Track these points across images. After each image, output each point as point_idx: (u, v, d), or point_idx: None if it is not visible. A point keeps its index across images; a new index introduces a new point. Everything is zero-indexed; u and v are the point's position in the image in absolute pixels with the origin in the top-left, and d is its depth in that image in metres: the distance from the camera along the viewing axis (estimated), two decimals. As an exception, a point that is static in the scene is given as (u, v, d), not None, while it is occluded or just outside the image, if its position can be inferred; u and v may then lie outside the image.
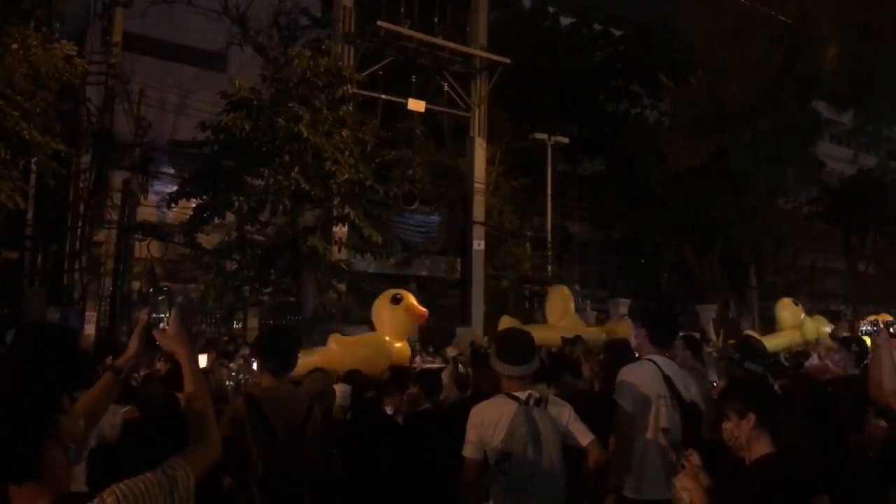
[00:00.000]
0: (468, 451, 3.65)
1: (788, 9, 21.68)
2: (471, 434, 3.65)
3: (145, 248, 18.80)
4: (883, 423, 4.52)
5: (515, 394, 3.67)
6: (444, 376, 6.01)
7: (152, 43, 21.63)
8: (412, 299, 8.96)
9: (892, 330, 4.46)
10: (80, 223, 18.42)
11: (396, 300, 8.56)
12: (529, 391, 3.70)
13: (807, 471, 3.17)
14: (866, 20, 21.30)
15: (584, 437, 3.75)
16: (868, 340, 4.94)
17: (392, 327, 8.48)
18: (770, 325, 17.53)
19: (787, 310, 14.86)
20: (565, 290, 11.62)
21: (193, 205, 14.84)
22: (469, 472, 3.64)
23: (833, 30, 22.15)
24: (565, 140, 25.91)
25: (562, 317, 11.77)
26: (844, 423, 4.28)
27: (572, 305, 12.40)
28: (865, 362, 5.37)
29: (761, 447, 3.11)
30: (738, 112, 24.49)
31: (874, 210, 31.76)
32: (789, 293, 29.84)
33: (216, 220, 15.09)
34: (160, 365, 8.11)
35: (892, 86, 23.54)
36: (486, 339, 14.92)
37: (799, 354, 11.49)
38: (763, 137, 25.85)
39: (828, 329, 13.80)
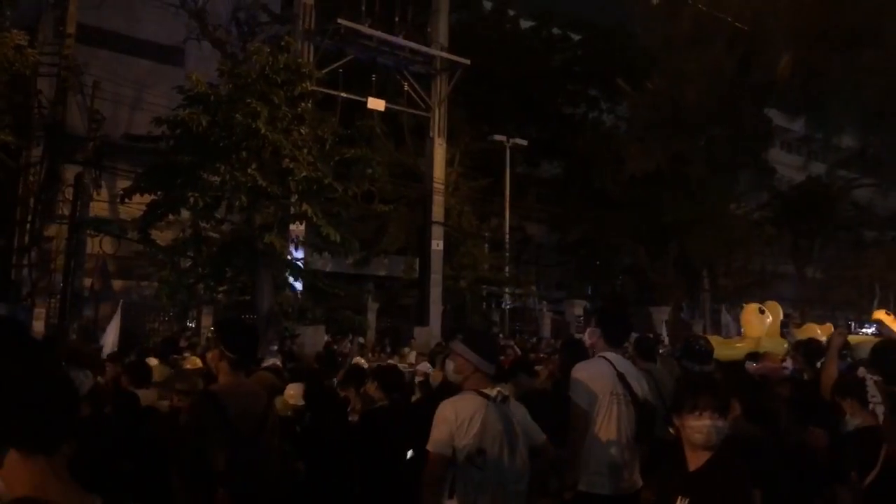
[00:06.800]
0: (436, 447, 3.56)
1: (745, 17, 22.16)
2: (441, 429, 3.57)
3: (97, 244, 18.42)
4: (820, 431, 4.66)
5: (484, 391, 3.67)
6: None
7: (107, 35, 21.20)
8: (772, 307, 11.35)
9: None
10: (29, 217, 18.00)
11: (762, 311, 10.80)
12: (497, 388, 3.73)
13: (745, 465, 3.26)
14: (819, 30, 21.87)
15: (538, 436, 3.81)
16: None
17: (759, 331, 10.48)
18: (718, 327, 17.89)
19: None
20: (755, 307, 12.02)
21: (148, 200, 14.59)
22: (435, 468, 3.56)
23: (787, 39, 22.69)
24: (524, 142, 26.11)
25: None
26: (786, 423, 4.41)
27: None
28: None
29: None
30: (694, 118, 24.94)
31: (822, 216, 32.61)
32: (740, 297, 30.59)
33: (171, 217, 14.84)
34: (108, 365, 8.04)
35: (843, 95, 24.20)
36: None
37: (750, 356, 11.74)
38: (717, 143, 26.39)
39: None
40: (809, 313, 32.34)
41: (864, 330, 17.11)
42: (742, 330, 11.17)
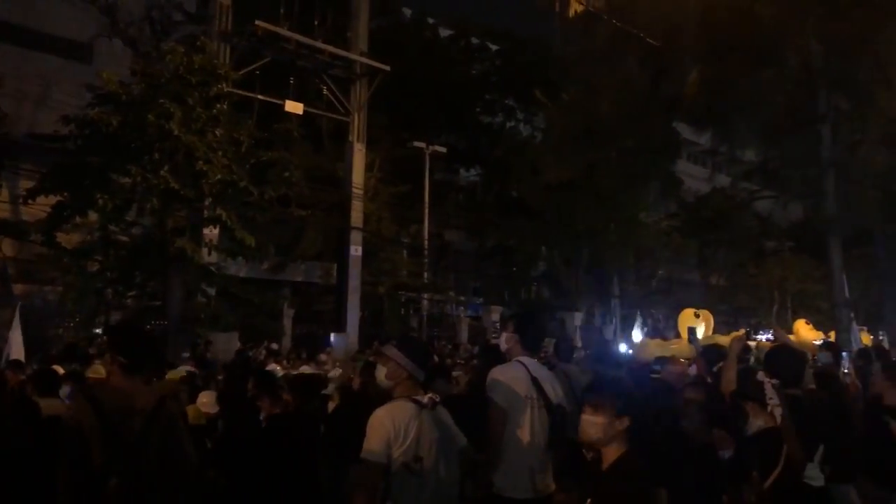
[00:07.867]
0: (372, 455, 3.52)
1: (656, 33, 22.94)
2: (378, 437, 3.54)
3: (-3, 247, 17.63)
4: (723, 432, 4.89)
5: (416, 397, 3.68)
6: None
7: (10, 29, 20.30)
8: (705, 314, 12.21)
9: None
10: (-79, 218, 17.07)
11: (697, 315, 11.80)
12: (429, 394, 3.75)
13: (650, 466, 3.40)
14: (725, 49, 22.81)
15: (461, 439, 3.88)
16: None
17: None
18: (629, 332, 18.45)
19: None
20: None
21: (53, 202, 14.02)
22: (371, 476, 3.52)
23: (695, 56, 23.60)
24: (443, 149, 26.30)
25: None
26: (697, 424, 4.60)
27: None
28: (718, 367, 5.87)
29: (620, 446, 3.35)
30: (607, 129, 25.62)
31: (726, 226, 33.98)
32: (648, 303, 31.61)
33: (78, 219, 14.33)
34: (9, 374, 7.72)
35: (746, 111, 25.28)
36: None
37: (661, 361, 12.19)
38: (628, 154, 27.16)
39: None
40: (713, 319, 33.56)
41: (759, 335, 17.91)
42: (662, 333, 11.79)
